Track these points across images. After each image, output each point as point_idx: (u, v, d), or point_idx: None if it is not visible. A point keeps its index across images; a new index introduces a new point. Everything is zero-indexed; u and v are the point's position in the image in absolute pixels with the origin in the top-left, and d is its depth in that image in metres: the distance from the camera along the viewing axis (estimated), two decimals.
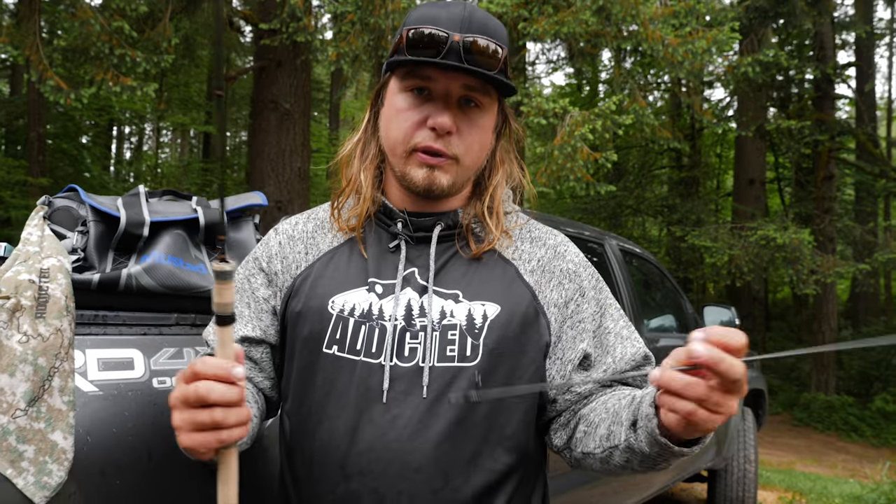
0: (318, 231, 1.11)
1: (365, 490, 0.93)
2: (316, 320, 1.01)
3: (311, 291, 1.03)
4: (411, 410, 0.93)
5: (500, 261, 1.05)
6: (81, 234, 1.27)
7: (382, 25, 6.12)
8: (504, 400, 0.97)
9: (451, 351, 0.96)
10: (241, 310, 1.09)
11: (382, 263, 1.03)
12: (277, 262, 1.09)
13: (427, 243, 1.04)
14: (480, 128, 1.01)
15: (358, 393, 0.95)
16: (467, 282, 1.01)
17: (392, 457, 0.92)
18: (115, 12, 6.26)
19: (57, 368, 1.10)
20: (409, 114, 0.99)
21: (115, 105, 13.89)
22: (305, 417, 1.00)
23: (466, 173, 1.04)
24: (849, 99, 14.72)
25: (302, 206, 8.95)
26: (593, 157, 6.10)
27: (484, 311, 0.99)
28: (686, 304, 3.98)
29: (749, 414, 4.36)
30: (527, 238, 1.10)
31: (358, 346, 0.98)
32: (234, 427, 0.77)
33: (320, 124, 18.48)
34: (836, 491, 5.75)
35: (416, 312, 0.99)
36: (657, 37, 6.41)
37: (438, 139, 0.98)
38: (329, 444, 0.96)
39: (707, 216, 12.51)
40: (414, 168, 1.00)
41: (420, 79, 0.98)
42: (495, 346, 0.97)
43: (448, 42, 0.95)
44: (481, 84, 0.98)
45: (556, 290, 1.04)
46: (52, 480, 1.05)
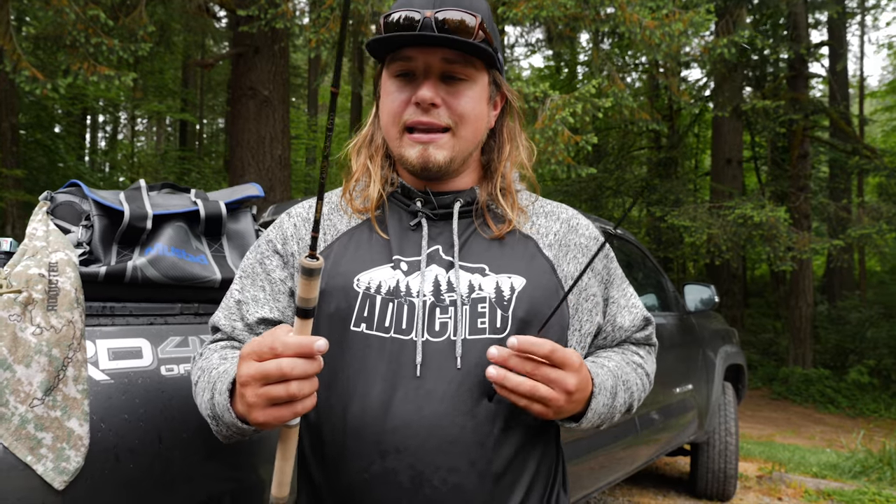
0: (333, 213, 1.12)
1: (402, 466, 0.93)
2: (342, 298, 1.01)
3: (333, 269, 1.04)
4: (446, 384, 0.95)
5: (521, 236, 1.08)
6: (86, 228, 1.30)
7: (362, 11, 6.10)
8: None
9: (482, 323, 0.98)
10: (256, 293, 1.09)
11: (405, 241, 1.05)
12: (293, 244, 1.09)
13: (447, 220, 1.06)
14: (469, 97, 1.02)
15: (390, 370, 0.96)
16: (491, 256, 1.04)
17: (428, 432, 0.93)
18: (89, 0, 6.17)
19: (70, 359, 1.14)
20: (396, 95, 1.03)
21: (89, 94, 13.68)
22: (333, 396, 1.00)
23: (465, 145, 1.04)
24: (822, 78, 14.92)
25: (284, 194, 8.92)
26: (574, 139, 6.16)
27: (511, 284, 1.01)
28: (667, 283, 4.08)
29: (729, 388, 4.48)
30: (541, 213, 1.13)
31: (387, 324, 0.98)
32: (307, 398, 0.81)
33: (299, 110, 18.34)
34: (813, 461, 5.93)
35: (445, 287, 1.00)
36: (634, 19, 6.47)
37: (425, 113, 1.00)
38: (362, 422, 0.96)
39: (686, 196, 12.68)
40: (407, 147, 1.03)
41: (402, 61, 1.01)
42: (525, 316, 0.99)
43: (421, 20, 0.98)
44: (461, 56, 1.00)
45: (573, 263, 1.08)
46: (71, 466, 1.09)
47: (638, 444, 3.29)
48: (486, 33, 1.02)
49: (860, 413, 10.75)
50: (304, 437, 1.08)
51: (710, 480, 4.30)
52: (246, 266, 1.13)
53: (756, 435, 8.23)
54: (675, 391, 3.60)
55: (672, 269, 16.85)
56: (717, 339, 4.40)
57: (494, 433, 0.96)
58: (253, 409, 0.82)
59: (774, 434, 8.52)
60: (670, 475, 5.13)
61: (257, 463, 1.38)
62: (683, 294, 3.95)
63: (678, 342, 3.72)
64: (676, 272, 16.73)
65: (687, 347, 3.83)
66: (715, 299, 3.90)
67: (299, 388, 0.79)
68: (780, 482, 5.00)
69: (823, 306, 14.52)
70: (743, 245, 10.08)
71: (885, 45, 27.52)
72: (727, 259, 10.67)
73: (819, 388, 11.53)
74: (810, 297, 12.60)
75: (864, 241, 10.27)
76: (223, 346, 1.10)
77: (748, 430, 8.49)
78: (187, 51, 14.84)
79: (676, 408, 3.62)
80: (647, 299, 3.94)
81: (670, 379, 3.54)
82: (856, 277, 16.23)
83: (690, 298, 3.92)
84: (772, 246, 9.65)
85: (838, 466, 5.57)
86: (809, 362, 12.30)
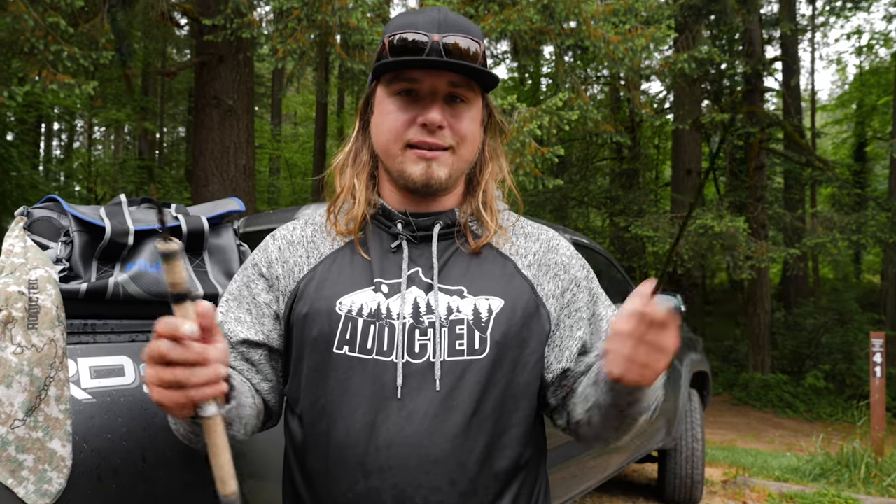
0: (317, 235, 1.13)
1: (385, 486, 0.95)
2: (325, 322, 1.03)
3: (316, 293, 1.05)
4: (426, 405, 0.96)
5: (499, 256, 1.09)
6: (65, 244, 1.27)
7: (329, 22, 6.09)
8: (512, 389, 1.01)
9: (461, 345, 1.00)
10: (242, 316, 1.09)
11: (386, 263, 1.06)
12: (278, 267, 1.11)
13: (427, 242, 1.08)
14: (470, 120, 1.06)
15: (372, 391, 0.98)
16: (470, 278, 1.05)
17: (410, 451, 0.95)
18: (48, 6, 6.03)
19: (52, 378, 1.11)
20: (399, 114, 1.04)
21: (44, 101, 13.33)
22: (319, 417, 1.02)
23: (462, 165, 1.07)
24: (776, 92, 15.41)
25: (248, 204, 8.81)
26: (541, 151, 6.24)
27: (489, 305, 1.03)
28: None
29: (695, 395, 4.58)
30: (521, 234, 1.15)
31: (369, 346, 1.00)
32: (202, 386, 0.79)
33: (263, 119, 18.15)
34: (775, 464, 6.09)
35: (424, 309, 1.02)
36: (599, 34, 6.60)
37: (430, 134, 1.03)
38: (346, 442, 0.98)
39: (648, 206, 12.93)
40: (410, 164, 1.04)
41: (406, 81, 1.03)
42: (501, 338, 1.01)
43: (429, 43, 1.01)
44: (465, 80, 1.03)
45: (553, 281, 1.10)
46: (53, 488, 1.07)
47: (609, 453, 3.34)
48: (485, 58, 1.06)
49: (817, 417, 11.06)
50: (291, 457, 1.09)
51: (678, 486, 4.38)
52: (233, 289, 1.14)
53: (719, 440, 8.39)
54: None
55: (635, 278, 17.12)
56: (683, 347, 4.49)
57: (476, 453, 0.98)
58: (150, 389, 0.81)
59: (736, 439, 8.70)
60: (639, 482, 5.20)
61: (242, 481, 1.36)
62: None
63: None
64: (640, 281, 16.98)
65: None
66: (682, 308, 3.98)
67: (186, 376, 0.78)
68: (744, 486, 5.11)
69: (780, 313, 14.93)
70: (703, 254, 10.32)
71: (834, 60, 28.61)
72: (689, 268, 10.90)
73: (777, 393, 11.84)
74: (768, 305, 12.94)
75: (818, 250, 10.60)
76: None
77: (711, 435, 8.66)
78: (148, 59, 14.57)
79: None
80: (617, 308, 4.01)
81: None
82: (810, 285, 16.73)
83: None
84: (731, 255, 9.89)
85: (799, 470, 5.72)
86: (768, 368, 12.62)
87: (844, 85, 24.41)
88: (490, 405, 1.00)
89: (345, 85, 10.07)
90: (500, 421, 1.00)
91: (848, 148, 20.77)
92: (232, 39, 6.95)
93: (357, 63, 6.30)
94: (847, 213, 11.20)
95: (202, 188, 8.65)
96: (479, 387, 0.99)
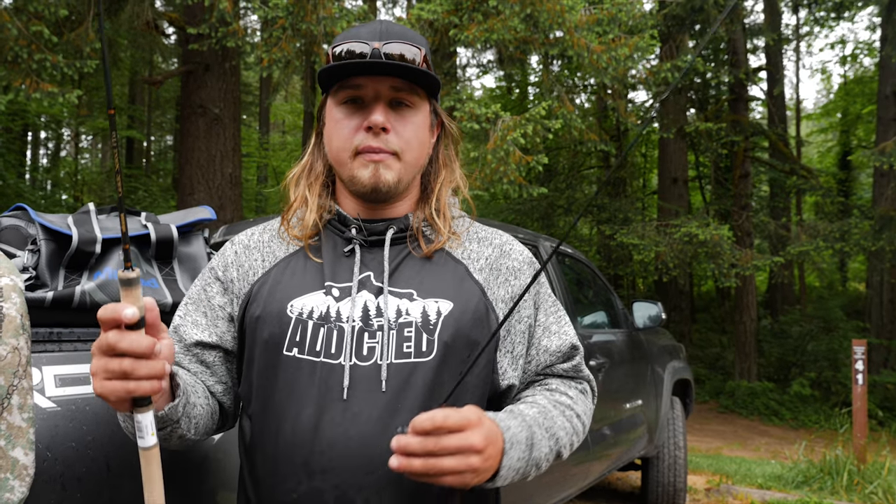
0: (273, 240, 1.15)
1: (327, 487, 0.96)
2: (275, 324, 1.04)
3: (269, 296, 1.07)
4: (371, 407, 0.97)
5: (451, 260, 1.11)
6: (32, 252, 1.27)
7: (314, 31, 6.12)
8: (459, 391, 1.01)
9: (408, 347, 1.01)
10: (197, 318, 1.12)
11: (338, 267, 1.08)
12: (233, 270, 1.13)
13: (380, 247, 1.10)
14: (415, 124, 1.08)
15: (319, 392, 0.99)
16: (420, 281, 1.06)
17: (354, 453, 0.96)
18: (32, 15, 6.02)
19: (15, 386, 1.11)
20: (347, 122, 1.07)
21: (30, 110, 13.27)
22: (267, 418, 1.03)
23: (410, 169, 1.09)
24: (761, 101, 15.57)
25: (234, 213, 8.80)
26: (525, 160, 6.27)
27: (438, 308, 1.04)
28: (616, 301, 4.17)
29: (678, 403, 4.60)
30: (474, 238, 1.16)
31: (317, 348, 1.01)
32: (144, 379, 0.81)
33: (250, 128, 18.14)
34: (759, 472, 6.12)
35: (373, 313, 1.03)
36: (582, 44, 6.66)
37: (375, 138, 1.04)
38: (292, 443, 0.99)
39: (634, 214, 13.01)
40: (359, 169, 1.06)
41: (351, 88, 1.06)
42: (450, 340, 1.02)
43: (370, 51, 1.04)
44: (407, 84, 1.06)
45: (504, 286, 1.11)
46: (15, 497, 1.07)
47: (590, 460, 3.34)
48: (428, 64, 1.09)
49: (802, 424, 11.12)
50: (243, 457, 1.10)
51: (661, 494, 4.39)
52: (192, 293, 1.16)
53: (704, 448, 8.42)
54: (626, 406, 3.67)
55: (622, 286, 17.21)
56: (665, 354, 4.52)
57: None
58: (94, 379, 0.82)
59: (722, 447, 8.73)
60: (622, 490, 5.21)
61: (212, 490, 1.36)
62: (632, 311, 4.05)
63: (627, 358, 3.81)
64: (626, 289, 17.09)
65: (636, 363, 3.93)
66: (662, 316, 4.01)
67: (132, 367, 0.79)
68: (727, 494, 5.13)
69: (766, 321, 15.02)
70: (689, 262, 10.38)
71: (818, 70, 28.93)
72: (675, 276, 10.97)
73: (764, 400, 11.89)
74: (754, 312, 13.02)
75: (803, 258, 10.68)
76: None
77: (697, 443, 8.69)
78: (134, 67, 14.54)
79: (627, 423, 3.69)
80: (597, 316, 4.03)
81: (620, 394, 3.62)
82: (797, 293, 16.86)
83: (639, 315, 4.02)
84: (716, 263, 9.96)
85: (782, 477, 5.75)
86: (754, 376, 12.68)
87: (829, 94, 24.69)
88: (436, 407, 0.98)
89: None
90: None
91: (833, 157, 20.99)
92: (217, 48, 6.97)
93: None
94: (831, 222, 11.30)
95: (188, 196, 8.63)
96: (426, 388, 0.99)
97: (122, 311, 0.78)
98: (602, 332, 3.79)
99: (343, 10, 6.28)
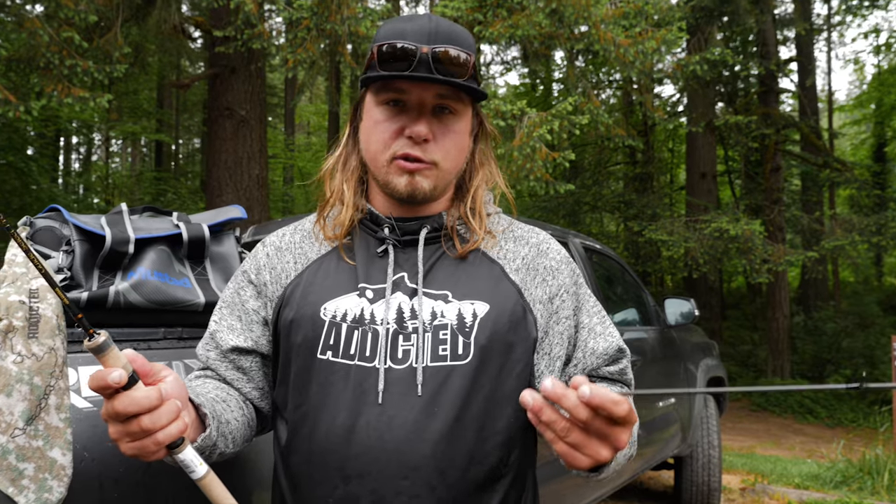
0: (305, 241, 1.14)
1: (364, 492, 0.94)
2: (309, 327, 1.03)
3: (302, 299, 1.05)
4: (407, 411, 0.95)
5: (486, 260, 1.07)
6: (66, 253, 1.28)
7: (339, 31, 6.13)
8: (496, 396, 0.99)
9: (444, 350, 0.98)
10: (233, 323, 1.11)
11: (371, 269, 1.06)
12: (266, 273, 1.12)
13: (414, 247, 1.07)
14: (456, 133, 1.05)
15: (353, 396, 0.97)
16: (455, 282, 1.04)
17: (389, 457, 0.94)
18: (63, 22, 6.12)
19: (52, 387, 1.11)
20: (386, 125, 1.03)
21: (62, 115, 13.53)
22: (302, 422, 1.01)
23: (446, 177, 1.06)
24: (792, 93, 15.26)
25: (261, 214, 8.87)
26: (552, 156, 6.22)
27: (473, 310, 1.01)
28: (647, 298, 4.11)
29: (711, 401, 4.52)
30: (510, 237, 1.13)
31: (352, 351, 1.00)
32: (167, 425, 0.80)
33: (276, 130, 18.30)
34: (795, 472, 5.99)
35: (408, 315, 1.01)
36: (608, 38, 6.58)
37: (415, 146, 1.01)
38: (327, 447, 0.97)
39: (662, 210, 12.84)
40: (395, 176, 1.03)
41: (394, 91, 1.02)
42: (486, 343, 0.99)
43: (417, 55, 0.99)
44: (453, 91, 1.02)
45: (541, 286, 1.07)
46: (53, 497, 1.07)
47: None
48: (476, 70, 1.05)
49: (838, 423, 10.88)
50: (278, 461, 1.09)
51: (695, 493, 4.32)
52: (226, 296, 1.15)
53: (737, 447, 8.28)
54: (658, 405, 3.62)
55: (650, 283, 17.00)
56: (698, 352, 4.44)
57: (457, 460, 0.95)
58: (119, 445, 0.82)
59: (755, 446, 8.58)
60: (654, 489, 5.14)
61: (247, 488, 1.36)
62: (664, 308, 3.99)
63: (660, 356, 3.74)
64: (655, 286, 16.88)
65: (668, 361, 3.86)
66: (695, 313, 3.94)
67: (151, 423, 0.79)
68: (763, 494, 5.03)
69: (800, 317, 14.73)
70: (719, 258, 10.21)
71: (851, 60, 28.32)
72: (704, 272, 10.80)
73: (797, 398, 11.66)
74: (787, 309, 12.78)
75: (837, 253, 10.46)
76: (196, 377, 1.13)
77: (729, 442, 8.55)
78: (162, 71, 14.76)
79: (660, 422, 3.64)
80: (628, 314, 3.97)
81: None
82: (830, 288, 16.50)
83: (671, 312, 3.95)
84: (748, 258, 9.79)
85: (820, 477, 5.62)
86: (787, 373, 12.44)
87: (862, 85, 24.13)
88: (473, 411, 0.97)
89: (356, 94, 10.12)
90: (484, 428, 0.98)
91: (867, 149, 20.49)
92: (243, 50, 7.02)
93: None
94: (867, 215, 11.05)
95: (216, 198, 8.73)
96: (462, 392, 0.96)
97: (108, 378, 0.77)
98: (633, 329, 3.73)
99: (367, 10, 6.28)
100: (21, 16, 6.28)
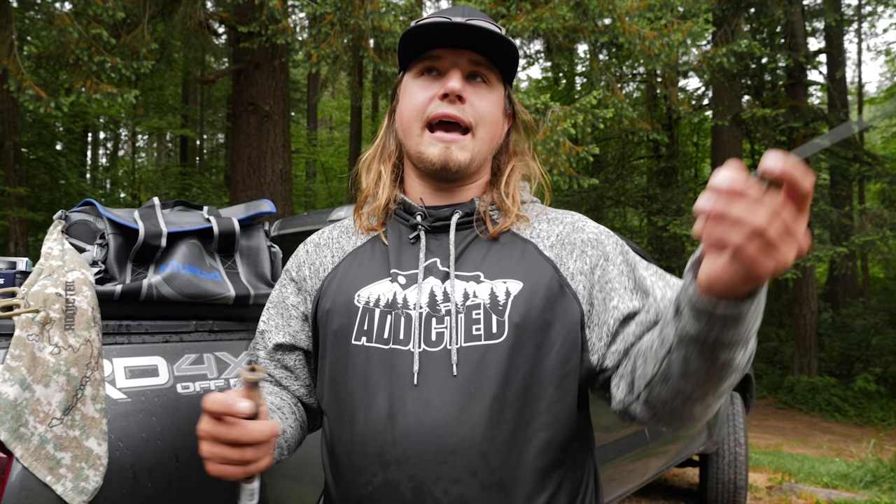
0: (343, 235, 1.16)
1: (403, 478, 0.92)
2: (343, 314, 1.04)
3: (338, 289, 1.07)
4: (444, 392, 0.93)
5: (519, 240, 1.06)
6: (101, 246, 1.30)
7: (362, 26, 6.13)
8: (536, 374, 0.96)
9: (477, 330, 0.97)
10: (277, 321, 1.14)
11: (403, 255, 1.06)
12: (306, 269, 1.15)
13: (445, 232, 1.07)
14: (490, 101, 1.06)
15: (390, 380, 0.96)
16: (487, 262, 1.03)
17: (428, 441, 0.92)
18: (91, 19, 6.21)
19: (88, 378, 1.13)
20: (422, 93, 1.05)
21: (90, 111, 13.74)
22: (342, 411, 1.01)
23: (483, 147, 1.06)
24: (821, 85, 14.97)
25: (285, 208, 8.93)
26: (575, 150, 6.17)
27: (506, 288, 0.99)
28: None
29: (738, 398, 4.46)
30: (544, 219, 1.10)
31: (385, 336, 0.99)
32: (262, 459, 0.84)
33: (298, 125, 18.40)
34: (823, 470, 5.89)
35: (440, 298, 1.00)
36: (633, 30, 6.50)
37: (451, 105, 1.02)
38: (366, 433, 0.96)
39: (687, 205, 12.67)
40: (428, 146, 1.04)
41: (429, 59, 1.05)
42: (521, 321, 0.96)
43: (452, 23, 1.02)
44: (486, 61, 1.05)
45: (580, 259, 1.03)
46: (89, 485, 1.09)
47: (647, 456, 3.27)
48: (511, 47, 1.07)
49: (868, 421, 10.68)
50: (324, 451, 1.09)
51: (720, 492, 4.27)
52: (273, 296, 1.19)
53: (763, 444, 8.18)
54: None
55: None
56: None
57: (499, 442, 0.92)
58: (208, 464, 0.83)
59: (782, 444, 8.47)
60: (679, 487, 5.09)
61: (276, 481, 1.37)
62: None
63: None
64: None
65: None
66: None
67: (255, 455, 0.82)
68: (790, 493, 4.96)
69: (827, 314, 14.48)
70: None
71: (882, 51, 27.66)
72: None
73: (825, 396, 11.47)
74: (814, 305, 12.56)
75: (867, 248, 10.25)
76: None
77: (755, 439, 8.44)
78: (187, 67, 14.91)
79: None
80: None
81: None
82: (859, 284, 16.19)
83: None
84: None
85: (849, 476, 5.53)
86: (815, 370, 12.25)
87: (894, 77, 23.60)
88: (512, 391, 0.94)
89: (378, 88, 10.14)
90: (526, 408, 0.95)
91: None
92: (267, 46, 7.06)
93: (390, 66, 6.34)
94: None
95: (240, 193, 8.80)
96: (499, 372, 0.94)
97: (237, 406, 0.80)
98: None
99: (390, 5, 6.28)
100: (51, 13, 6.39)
